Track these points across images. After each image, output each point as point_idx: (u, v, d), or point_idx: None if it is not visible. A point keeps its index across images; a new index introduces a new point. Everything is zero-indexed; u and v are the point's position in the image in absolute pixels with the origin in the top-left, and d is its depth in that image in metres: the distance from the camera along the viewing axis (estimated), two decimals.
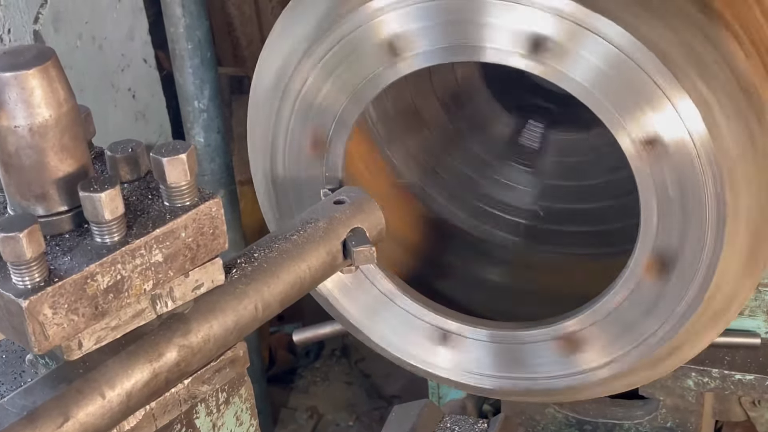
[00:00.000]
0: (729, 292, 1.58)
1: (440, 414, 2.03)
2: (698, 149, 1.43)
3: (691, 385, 2.10)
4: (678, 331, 1.60)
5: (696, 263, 1.52)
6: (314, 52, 1.60)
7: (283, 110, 1.67)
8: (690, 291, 1.55)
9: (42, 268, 1.01)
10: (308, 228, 1.30)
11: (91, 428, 1.06)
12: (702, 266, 1.52)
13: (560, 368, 1.73)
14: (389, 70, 1.57)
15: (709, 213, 1.47)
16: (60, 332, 1.02)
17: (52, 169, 1.08)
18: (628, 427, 2.23)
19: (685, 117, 1.42)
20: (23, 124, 1.05)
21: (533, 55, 1.46)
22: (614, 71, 1.42)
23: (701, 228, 1.49)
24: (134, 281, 1.07)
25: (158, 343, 1.12)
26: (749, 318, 2.11)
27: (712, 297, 1.56)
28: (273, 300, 1.23)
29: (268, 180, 1.78)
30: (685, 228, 1.50)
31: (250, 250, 1.26)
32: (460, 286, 2.00)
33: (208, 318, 1.16)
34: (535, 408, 2.28)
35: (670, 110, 1.42)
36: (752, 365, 2.07)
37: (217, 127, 3.09)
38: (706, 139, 1.42)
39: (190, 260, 1.12)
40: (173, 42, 2.96)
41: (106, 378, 1.08)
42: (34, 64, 1.04)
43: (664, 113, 1.43)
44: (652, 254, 1.54)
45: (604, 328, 1.65)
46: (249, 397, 1.30)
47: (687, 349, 1.69)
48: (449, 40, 1.50)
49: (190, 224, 1.11)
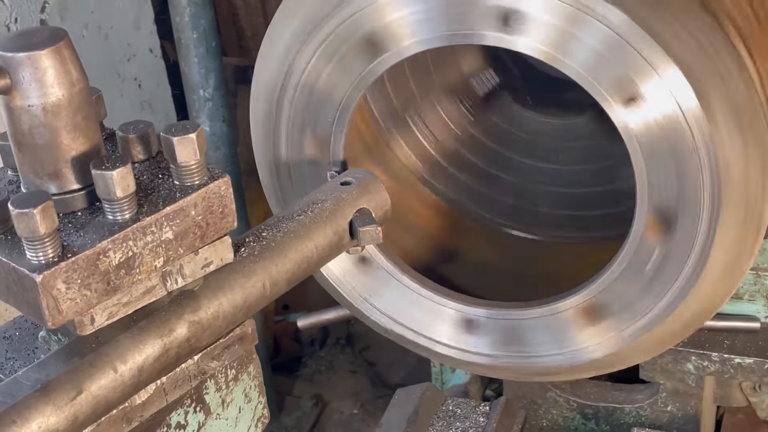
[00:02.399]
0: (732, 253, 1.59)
1: (442, 397, 2.05)
2: (689, 120, 1.45)
3: (691, 369, 2.12)
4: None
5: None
6: (315, 37, 1.62)
7: (284, 95, 1.69)
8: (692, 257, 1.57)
9: (55, 244, 1.03)
10: (315, 208, 1.32)
11: (104, 401, 1.08)
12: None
13: (557, 347, 1.76)
14: (391, 52, 1.59)
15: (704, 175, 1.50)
16: (73, 307, 1.04)
17: (64, 148, 1.10)
18: (629, 410, 2.25)
19: (673, 89, 1.44)
20: (37, 104, 1.07)
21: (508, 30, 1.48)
22: (607, 50, 1.44)
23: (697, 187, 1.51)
24: (145, 258, 1.09)
25: (169, 319, 1.15)
26: (749, 302, 2.13)
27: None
28: (281, 278, 1.25)
29: (271, 166, 1.80)
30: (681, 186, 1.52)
31: (258, 229, 1.29)
32: (465, 271, 2.02)
33: (217, 295, 1.19)
34: (536, 392, 2.30)
35: (656, 80, 1.44)
36: (752, 349, 2.09)
37: (222, 116, 3.11)
38: (696, 110, 1.44)
39: (200, 238, 1.14)
40: (178, 31, 2.98)
41: (118, 352, 1.10)
42: (47, 45, 1.06)
43: (652, 82, 1.45)
44: (653, 213, 1.56)
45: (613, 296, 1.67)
46: (257, 374, 1.32)
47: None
48: (449, 25, 1.52)
49: (199, 202, 1.13)
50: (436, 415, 2.01)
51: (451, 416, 2.01)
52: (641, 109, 1.47)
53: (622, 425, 2.26)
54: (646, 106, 1.47)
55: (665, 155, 1.50)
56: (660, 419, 2.24)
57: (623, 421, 2.27)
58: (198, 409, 1.24)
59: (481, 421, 1.98)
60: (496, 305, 1.80)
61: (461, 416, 2.01)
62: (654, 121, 1.48)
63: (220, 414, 1.28)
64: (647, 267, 1.62)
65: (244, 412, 1.32)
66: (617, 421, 2.28)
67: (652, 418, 2.24)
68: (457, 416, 2.01)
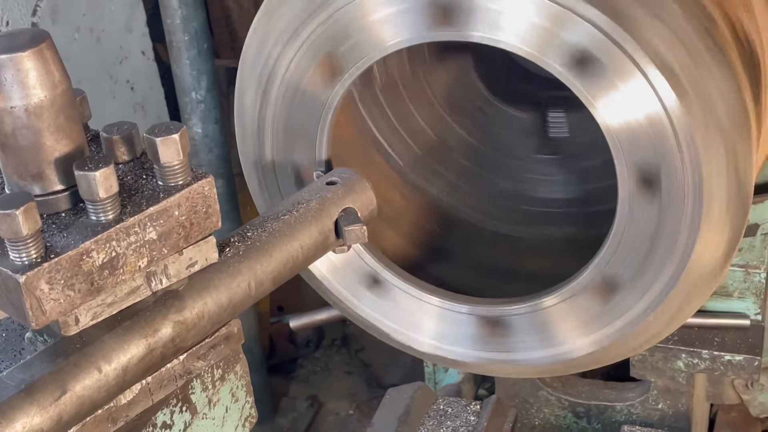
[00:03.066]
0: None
1: (434, 396, 2.05)
2: (671, 118, 1.45)
3: (682, 367, 2.13)
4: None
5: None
6: (300, 34, 1.62)
7: (269, 94, 1.69)
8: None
9: (38, 245, 1.03)
10: (300, 208, 1.33)
11: (88, 401, 1.08)
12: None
13: (540, 345, 1.76)
14: (374, 50, 1.59)
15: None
16: (57, 307, 1.05)
17: (48, 149, 1.10)
18: (620, 409, 2.26)
19: (655, 87, 1.44)
20: (19, 105, 1.07)
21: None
22: (593, 50, 1.44)
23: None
24: (129, 258, 1.10)
25: (153, 319, 1.15)
26: (738, 300, 2.14)
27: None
28: (266, 278, 1.26)
29: (258, 166, 1.80)
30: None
31: (243, 229, 1.29)
32: (453, 269, 2.02)
33: (202, 295, 1.19)
34: (528, 391, 2.31)
35: (640, 80, 1.44)
36: (742, 346, 2.10)
37: (215, 117, 3.11)
38: (677, 108, 1.44)
39: (184, 238, 1.15)
40: (170, 33, 2.99)
41: (102, 353, 1.10)
42: (29, 46, 1.06)
43: (635, 83, 1.45)
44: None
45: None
46: (244, 374, 1.32)
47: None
48: (434, 20, 1.53)
49: (183, 203, 1.13)
50: (427, 415, 2.01)
51: (442, 415, 2.01)
52: (622, 106, 1.48)
53: (614, 423, 2.27)
54: (627, 104, 1.47)
55: (648, 153, 1.50)
56: (651, 417, 2.24)
57: (614, 419, 2.27)
58: (184, 408, 1.25)
59: (472, 420, 1.99)
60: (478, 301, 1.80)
61: (452, 415, 2.01)
62: (635, 119, 1.48)
63: (207, 414, 1.28)
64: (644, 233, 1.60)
65: (231, 411, 1.32)
66: (608, 419, 2.28)
67: (644, 416, 2.25)
68: (448, 415, 2.01)
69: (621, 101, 1.48)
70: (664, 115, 1.46)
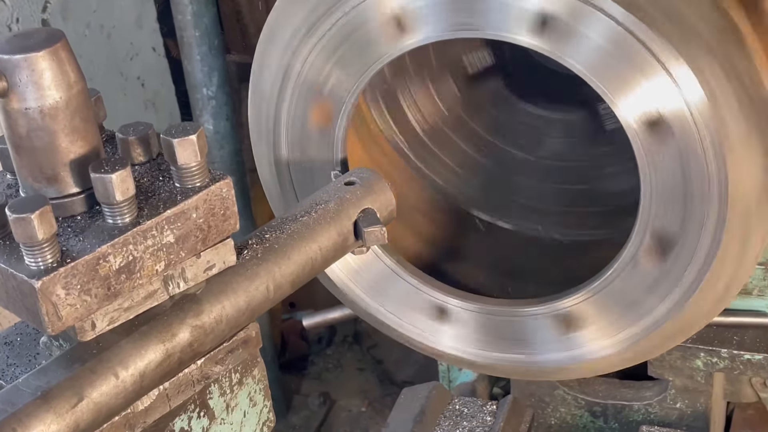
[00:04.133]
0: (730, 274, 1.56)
1: (449, 396, 2.04)
2: (697, 123, 1.42)
3: (700, 366, 2.10)
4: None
5: (695, 245, 1.50)
6: (316, 31, 1.59)
7: (284, 92, 1.67)
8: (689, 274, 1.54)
9: (54, 249, 1.01)
10: (319, 209, 1.30)
11: (105, 408, 1.06)
12: (703, 247, 1.50)
13: (557, 347, 1.74)
14: (392, 46, 1.57)
15: (711, 188, 1.45)
16: (73, 313, 1.03)
17: (63, 151, 1.08)
18: (637, 408, 2.23)
19: (684, 89, 1.41)
20: (34, 107, 1.05)
21: (539, 33, 1.45)
22: (614, 47, 1.42)
23: (702, 208, 1.47)
24: (146, 262, 1.08)
25: (171, 324, 1.13)
26: (758, 298, 2.11)
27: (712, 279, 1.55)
28: (284, 281, 1.24)
29: (271, 165, 1.78)
30: (685, 209, 1.48)
31: (261, 231, 1.27)
32: (466, 268, 2.00)
33: (220, 298, 1.17)
34: (544, 390, 2.28)
35: (667, 82, 1.41)
36: (761, 345, 2.07)
37: (226, 114, 3.10)
38: (706, 112, 1.41)
39: (202, 241, 1.13)
40: (181, 29, 2.97)
41: (119, 358, 1.08)
42: (44, 46, 1.04)
43: (662, 85, 1.42)
44: (651, 236, 1.53)
45: (600, 306, 1.65)
46: (262, 378, 1.30)
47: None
48: (455, 16, 1.50)
49: (201, 205, 1.11)
50: (442, 415, 1.99)
51: (458, 415, 1.99)
52: (646, 106, 1.45)
53: (631, 423, 2.25)
54: (652, 105, 1.44)
55: (671, 157, 1.46)
56: (669, 416, 2.22)
57: (632, 418, 2.25)
58: (202, 414, 1.23)
59: (488, 420, 1.97)
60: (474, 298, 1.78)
61: (468, 415, 1.99)
62: (659, 117, 1.45)
63: (225, 419, 1.26)
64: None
65: (249, 416, 1.30)
66: (626, 418, 2.26)
67: (662, 415, 2.22)
68: (464, 415, 1.99)
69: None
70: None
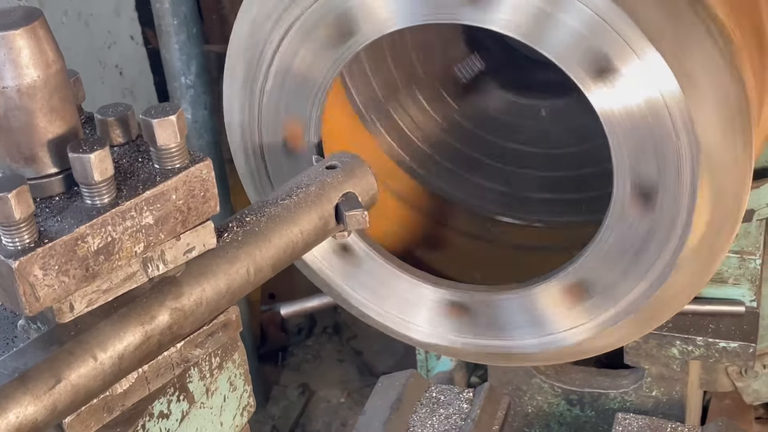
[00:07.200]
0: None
1: (426, 384, 2.04)
2: (669, 106, 1.43)
3: (676, 354, 2.12)
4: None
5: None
6: (289, 15, 1.58)
7: (258, 78, 1.66)
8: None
9: (32, 230, 1.00)
10: (300, 193, 1.30)
11: (83, 390, 1.05)
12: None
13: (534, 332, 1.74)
14: (366, 30, 1.56)
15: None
16: (51, 294, 1.02)
17: (41, 131, 1.07)
18: (614, 396, 2.25)
19: (656, 73, 1.42)
20: (11, 85, 1.04)
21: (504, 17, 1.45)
22: (589, 32, 1.42)
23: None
24: (125, 243, 1.07)
25: (150, 306, 1.12)
26: (733, 286, 2.13)
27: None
28: (265, 264, 1.23)
29: (247, 153, 1.77)
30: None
31: (241, 214, 1.26)
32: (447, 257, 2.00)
33: (200, 281, 1.16)
34: (521, 378, 2.30)
35: (638, 65, 1.42)
36: (736, 333, 2.09)
37: (204, 103, 3.08)
38: (677, 94, 1.42)
39: (181, 223, 1.12)
40: (159, 18, 2.94)
41: (98, 340, 1.07)
42: (21, 24, 1.03)
43: (631, 63, 1.43)
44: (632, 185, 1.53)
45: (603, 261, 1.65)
46: (242, 362, 1.30)
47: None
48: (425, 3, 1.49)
49: (180, 186, 1.10)
50: (419, 402, 2.00)
51: (435, 403, 2.00)
52: (618, 89, 1.45)
53: (607, 411, 2.26)
54: (624, 87, 1.45)
55: (644, 137, 1.48)
56: (645, 404, 2.24)
57: (608, 406, 2.27)
58: (181, 397, 1.22)
59: (465, 408, 1.98)
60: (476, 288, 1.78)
61: (445, 403, 2.00)
62: (632, 103, 1.46)
63: (205, 403, 1.26)
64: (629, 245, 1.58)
65: (229, 400, 1.30)
66: (602, 406, 2.28)
67: (638, 403, 2.24)
68: (441, 403, 2.00)
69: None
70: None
